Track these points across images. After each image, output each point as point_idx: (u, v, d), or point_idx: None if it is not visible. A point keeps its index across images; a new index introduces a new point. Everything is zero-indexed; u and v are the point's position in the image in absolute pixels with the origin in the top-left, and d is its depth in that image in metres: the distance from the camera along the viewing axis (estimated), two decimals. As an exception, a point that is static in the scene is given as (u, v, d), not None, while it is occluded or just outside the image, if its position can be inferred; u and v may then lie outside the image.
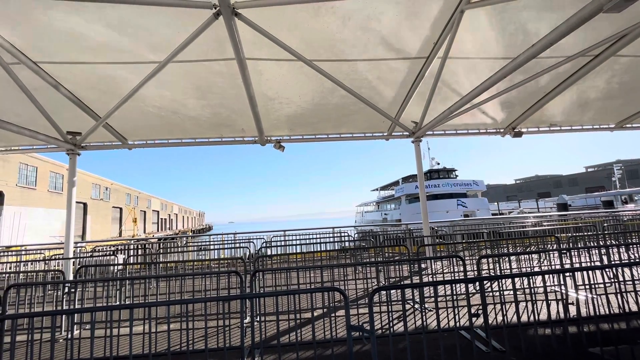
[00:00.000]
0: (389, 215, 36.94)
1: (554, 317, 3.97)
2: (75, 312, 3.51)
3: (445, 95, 5.88)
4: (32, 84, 4.73)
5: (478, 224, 11.83)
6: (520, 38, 4.42)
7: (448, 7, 3.91)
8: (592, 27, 4.24)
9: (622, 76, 5.76)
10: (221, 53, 4.50)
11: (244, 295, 2.97)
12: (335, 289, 2.83)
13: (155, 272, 6.68)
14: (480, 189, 31.55)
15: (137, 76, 4.70)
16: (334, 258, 8.12)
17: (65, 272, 5.49)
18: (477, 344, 3.50)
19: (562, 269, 4.20)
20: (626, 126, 7.67)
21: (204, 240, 14.51)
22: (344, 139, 7.45)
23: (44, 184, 27.68)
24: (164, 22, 3.90)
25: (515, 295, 3.24)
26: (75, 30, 3.92)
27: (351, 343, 2.55)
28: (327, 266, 4.71)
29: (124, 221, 42.05)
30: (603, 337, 3.38)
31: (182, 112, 6.03)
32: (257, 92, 5.38)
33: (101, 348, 3.50)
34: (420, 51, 4.73)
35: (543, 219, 12.04)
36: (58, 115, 5.51)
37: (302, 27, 4.14)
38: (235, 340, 3.98)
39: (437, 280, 3.28)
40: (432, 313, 4.55)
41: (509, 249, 7.25)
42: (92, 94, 5.32)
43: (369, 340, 2.72)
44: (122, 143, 6.79)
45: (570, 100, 6.56)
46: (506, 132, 7.52)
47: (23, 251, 9.77)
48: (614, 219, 12.00)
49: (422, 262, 6.97)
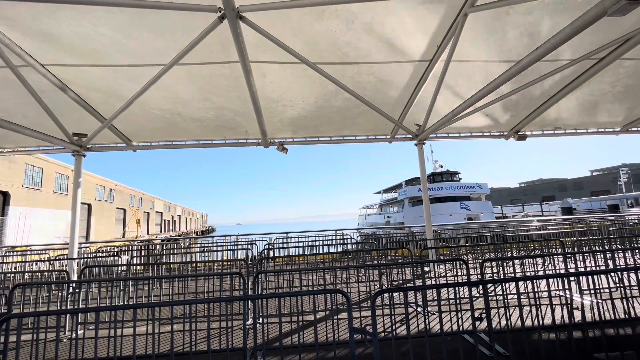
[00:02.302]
0: (392, 218, 36.82)
1: (558, 321, 3.93)
2: (79, 312, 3.54)
3: (449, 98, 5.87)
4: (39, 86, 4.80)
5: (482, 228, 11.76)
6: (524, 41, 4.41)
7: (452, 10, 3.91)
8: (596, 31, 4.23)
9: (627, 79, 5.73)
10: (225, 56, 4.54)
11: (246, 296, 2.97)
12: (337, 290, 2.83)
13: (158, 273, 6.71)
14: (484, 192, 31.38)
15: (143, 79, 4.75)
16: (336, 260, 8.10)
17: (69, 272, 5.53)
18: (481, 348, 3.48)
19: (567, 273, 4.16)
20: (632, 129, 7.61)
21: (206, 241, 14.56)
22: (347, 141, 7.46)
23: (50, 185, 27.94)
24: (169, 26, 3.95)
25: (519, 299, 3.22)
26: (83, 33, 3.98)
27: (353, 346, 2.54)
28: (329, 268, 4.71)
29: (128, 222, 42.28)
30: (608, 342, 3.34)
31: (186, 114, 6.08)
32: (261, 95, 5.42)
33: (105, 348, 3.52)
34: (424, 54, 4.74)
35: (547, 223, 11.94)
36: (64, 117, 5.58)
37: (306, 30, 4.17)
38: (238, 341, 3.98)
39: (440, 284, 3.27)
40: (435, 316, 4.52)
41: (513, 253, 7.19)
42: (98, 96, 5.39)
43: (371, 343, 2.71)
44: (126, 145, 6.86)
45: (575, 104, 6.52)
46: (510, 135, 7.49)
47: (28, 251, 9.86)
48: (620, 223, 11.86)
49: (425, 265, 6.94)
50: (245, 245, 9.62)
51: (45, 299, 5.17)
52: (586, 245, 6.51)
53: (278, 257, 7.56)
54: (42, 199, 26.85)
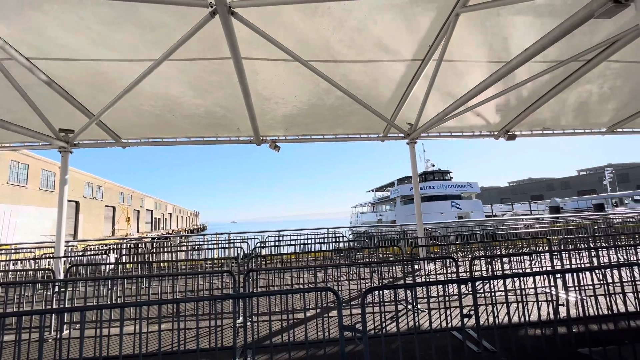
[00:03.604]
0: (384, 216, 37.03)
1: (544, 317, 4.02)
2: (64, 312, 3.47)
3: (440, 97, 5.92)
4: (24, 80, 4.67)
5: (472, 226, 11.91)
6: (514, 42, 4.47)
7: (443, 11, 3.94)
8: (584, 33, 4.31)
9: (613, 81, 5.86)
10: (217, 52, 4.49)
11: (236, 295, 2.96)
12: (328, 289, 2.84)
13: (148, 272, 6.62)
14: (475, 191, 31.80)
15: (132, 74, 4.67)
16: (328, 259, 8.12)
17: (55, 271, 5.41)
18: (469, 344, 3.53)
19: (553, 270, 4.25)
20: (617, 130, 7.80)
21: (197, 240, 14.40)
22: (339, 139, 7.46)
23: (36, 182, 27.29)
24: (159, 20, 3.88)
25: (507, 296, 3.28)
26: (70, 27, 3.88)
27: (343, 343, 2.55)
28: (320, 266, 4.71)
29: (117, 220, 41.60)
30: (592, 337, 3.43)
31: (177, 110, 5.99)
32: (253, 92, 5.37)
33: (91, 348, 3.46)
34: (416, 54, 4.77)
35: (535, 222, 12.17)
36: (50, 112, 5.44)
37: (299, 28, 4.15)
38: (228, 340, 3.95)
39: (429, 281, 3.30)
40: (424, 314, 4.57)
41: (502, 251, 7.31)
42: (86, 91, 5.27)
43: (361, 341, 2.73)
44: (115, 141, 6.73)
45: (563, 104, 6.65)
46: (500, 135, 7.60)
47: (13, 250, 9.61)
48: (605, 221, 12.16)
49: (416, 263, 7.00)
50: (237, 244, 9.56)
51: (29, 298, 5.05)
52: (572, 243, 6.66)
53: (270, 255, 7.54)
54: (28, 196, 26.21)
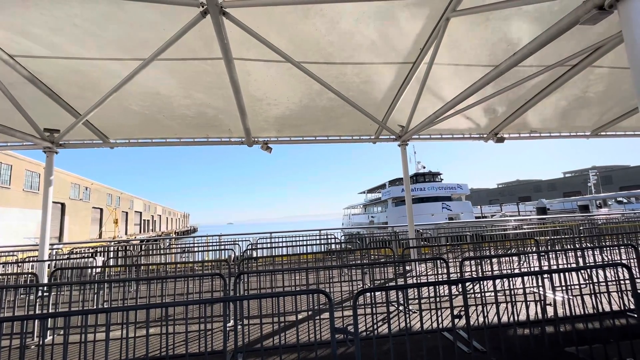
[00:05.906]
0: (376, 217, 37.21)
1: (532, 317, 4.08)
2: (47, 317, 3.36)
3: (431, 100, 5.98)
4: (7, 79, 4.54)
5: (462, 227, 12.07)
6: (503, 46, 4.55)
7: (434, 14, 3.99)
8: (570, 39, 4.42)
9: (597, 86, 6.03)
10: (208, 52, 4.44)
11: (226, 298, 2.91)
12: (319, 291, 2.82)
13: (136, 275, 6.48)
14: (465, 192, 32.25)
15: (120, 73, 4.57)
16: (320, 260, 8.10)
17: (39, 275, 5.25)
18: (459, 344, 3.56)
19: (540, 270, 4.33)
20: (601, 134, 8.02)
21: (188, 242, 14.19)
22: (331, 141, 7.47)
23: (19, 183, 26.48)
24: (149, 19, 3.81)
25: (496, 296, 3.32)
26: (55, 24, 3.78)
27: (335, 346, 2.54)
28: (312, 268, 4.69)
29: (105, 222, 40.70)
30: (578, 336, 3.50)
31: (167, 110, 5.90)
32: (245, 93, 5.33)
33: (75, 354, 3.36)
34: (407, 56, 4.81)
35: (523, 223, 12.41)
36: (35, 111, 5.29)
37: (291, 29, 4.14)
38: (218, 344, 3.89)
39: (420, 282, 3.32)
40: (415, 315, 4.60)
41: (491, 252, 7.42)
42: (72, 90, 5.14)
43: (352, 343, 2.72)
44: (103, 141, 6.58)
45: (550, 108, 6.81)
46: (489, 138, 7.73)
47: (-6, 253, 9.28)
48: (589, 222, 12.49)
49: (407, 264, 7.04)
50: (228, 246, 9.45)
51: (11, 303, 4.88)
52: (559, 243, 6.81)
53: (261, 257, 7.47)
54: (11, 198, 25.40)
